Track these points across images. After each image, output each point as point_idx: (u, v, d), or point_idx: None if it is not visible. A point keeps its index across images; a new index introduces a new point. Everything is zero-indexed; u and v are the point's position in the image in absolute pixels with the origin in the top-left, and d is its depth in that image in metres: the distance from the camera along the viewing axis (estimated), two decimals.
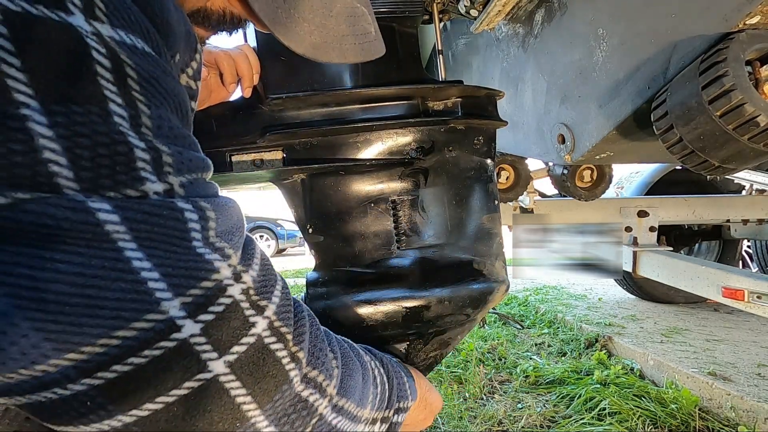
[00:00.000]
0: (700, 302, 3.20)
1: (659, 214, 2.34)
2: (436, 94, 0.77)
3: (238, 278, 0.33)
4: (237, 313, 0.32)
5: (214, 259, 0.31)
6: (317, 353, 0.40)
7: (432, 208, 0.77)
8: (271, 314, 0.35)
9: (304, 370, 0.37)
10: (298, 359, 0.37)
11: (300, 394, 0.37)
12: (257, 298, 0.34)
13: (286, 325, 0.36)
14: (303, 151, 0.73)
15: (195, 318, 0.29)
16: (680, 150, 0.82)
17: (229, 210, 0.36)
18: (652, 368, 2.12)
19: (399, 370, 0.57)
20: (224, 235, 0.34)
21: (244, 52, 0.71)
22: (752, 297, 1.52)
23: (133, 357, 0.28)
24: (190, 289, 0.30)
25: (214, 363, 0.30)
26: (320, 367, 0.39)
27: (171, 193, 0.31)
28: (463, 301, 0.74)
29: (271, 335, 0.34)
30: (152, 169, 0.30)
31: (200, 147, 0.37)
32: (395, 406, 0.52)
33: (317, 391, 0.38)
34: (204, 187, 0.35)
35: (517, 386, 2.02)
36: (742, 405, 1.66)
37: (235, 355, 0.31)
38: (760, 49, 0.72)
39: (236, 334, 0.32)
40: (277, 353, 0.35)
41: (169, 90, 0.33)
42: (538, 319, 3.08)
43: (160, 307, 0.28)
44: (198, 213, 0.32)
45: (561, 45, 1.07)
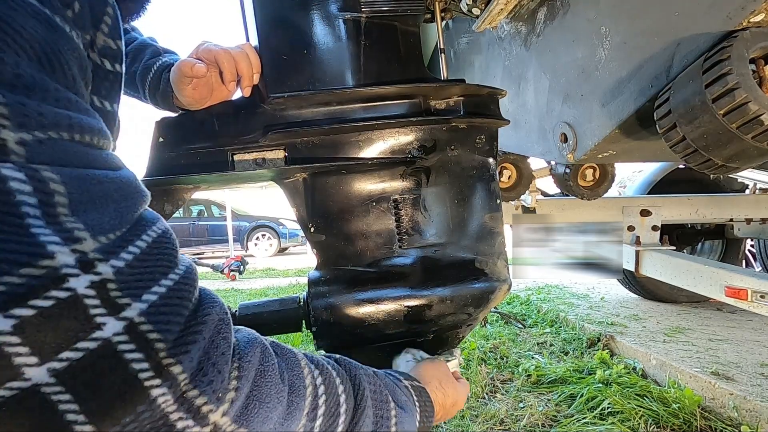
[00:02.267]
0: (702, 301, 3.18)
1: (662, 213, 2.34)
2: (438, 93, 0.77)
3: (89, 267, 0.27)
4: (75, 311, 0.26)
5: (48, 242, 0.26)
6: (208, 369, 0.32)
7: (434, 207, 0.77)
8: (134, 315, 0.28)
9: (182, 388, 0.30)
10: (169, 375, 0.29)
11: (166, 418, 0.29)
12: (117, 294, 0.28)
13: (159, 331, 0.29)
14: (305, 150, 0.73)
15: (5, 312, 0.24)
16: (683, 149, 0.82)
17: (101, 183, 0.30)
18: (654, 368, 2.11)
19: (387, 400, 0.49)
20: (83, 213, 0.28)
21: (244, 51, 0.71)
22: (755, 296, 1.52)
23: None
24: (4, 275, 0.24)
25: (32, 370, 0.25)
26: (204, 386, 0.31)
27: (3, 151, 0.26)
28: (464, 300, 0.74)
29: (129, 341, 0.28)
30: None
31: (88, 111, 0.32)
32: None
33: (192, 417, 0.31)
34: (65, 150, 0.29)
35: (519, 385, 2.02)
36: (745, 405, 1.65)
37: (64, 363, 0.26)
38: (764, 47, 0.71)
39: (69, 337, 0.26)
40: (133, 365, 0.28)
41: (30, 35, 0.29)
42: (540, 319, 3.07)
43: None
44: (33, 184, 0.26)
45: (563, 43, 1.07)
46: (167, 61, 0.75)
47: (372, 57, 0.75)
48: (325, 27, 0.74)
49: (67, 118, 0.29)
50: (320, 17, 0.73)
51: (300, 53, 0.73)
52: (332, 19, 0.73)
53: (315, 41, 0.74)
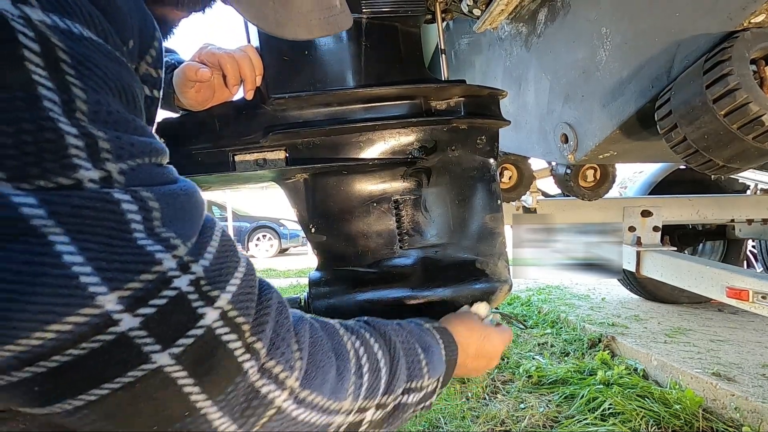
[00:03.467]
0: (704, 302, 3.18)
1: (663, 214, 2.33)
2: (439, 94, 0.77)
3: (186, 269, 0.32)
4: (183, 306, 0.32)
5: (155, 251, 0.31)
6: (279, 343, 0.38)
7: (434, 208, 0.77)
8: (224, 304, 0.34)
9: (262, 361, 0.37)
10: (254, 351, 0.36)
11: (254, 386, 0.36)
12: (208, 288, 0.33)
13: (242, 315, 0.35)
14: (306, 151, 0.74)
15: (134, 312, 0.29)
16: (684, 149, 0.82)
17: (178, 197, 0.35)
18: (655, 368, 2.11)
19: (416, 347, 0.54)
20: (171, 224, 0.33)
21: (247, 54, 0.71)
22: (757, 297, 1.52)
23: (72, 349, 0.28)
24: (128, 282, 0.29)
25: (157, 355, 0.30)
26: (279, 357, 0.38)
27: (109, 181, 0.31)
28: (465, 300, 0.74)
29: (224, 326, 0.34)
30: (86, 156, 0.29)
31: (151, 132, 0.36)
32: (403, 388, 0.50)
33: (274, 383, 0.37)
34: (150, 173, 0.34)
35: (520, 386, 2.02)
36: (747, 406, 1.65)
37: (181, 348, 0.31)
38: (765, 48, 0.71)
39: (182, 327, 0.31)
40: (230, 345, 0.34)
41: (111, 75, 0.33)
42: (541, 319, 3.07)
43: (94, 301, 0.28)
44: (138, 204, 0.31)
45: (564, 44, 1.07)
46: (169, 61, 0.75)
47: (373, 58, 0.75)
48: None
49: (148, 145, 0.34)
50: None
51: (301, 54, 0.73)
52: None
53: (316, 42, 0.74)
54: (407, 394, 0.51)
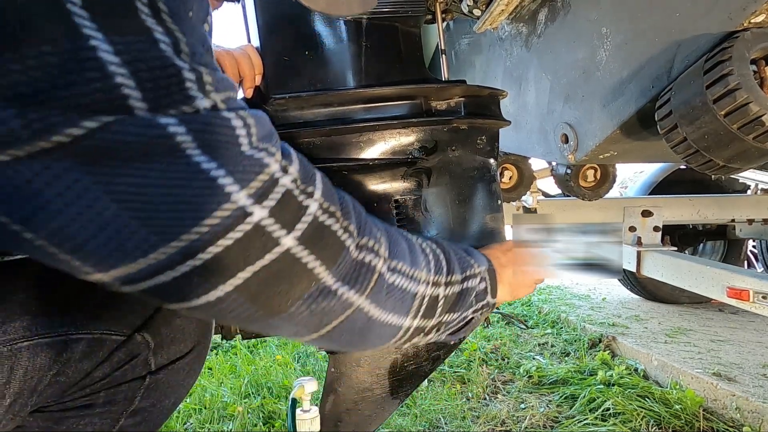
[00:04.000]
0: (704, 302, 3.18)
1: (663, 214, 2.33)
2: (439, 94, 0.77)
3: (286, 170, 0.38)
4: (292, 198, 0.38)
5: (262, 157, 0.37)
6: (363, 225, 0.46)
7: (435, 208, 0.77)
8: (319, 196, 0.41)
9: (356, 239, 0.44)
10: (350, 231, 0.43)
11: (357, 258, 0.43)
12: (304, 185, 0.40)
13: (333, 205, 0.42)
14: (306, 151, 0.74)
15: (261, 204, 0.36)
16: (684, 149, 0.82)
17: (263, 119, 0.40)
18: (656, 369, 2.11)
19: (454, 248, 0.60)
20: (264, 138, 0.38)
21: (246, 53, 0.71)
22: (757, 297, 1.51)
23: (222, 239, 0.34)
24: (251, 182, 0.35)
25: (284, 238, 0.37)
26: (368, 234, 0.46)
27: (216, 108, 0.35)
28: None
29: (323, 213, 0.41)
30: (198, 88, 0.34)
31: None
32: (461, 272, 0.57)
33: (371, 253, 0.45)
34: (237, 102, 0.39)
35: (521, 386, 2.02)
36: (748, 406, 1.64)
37: (300, 231, 0.38)
38: (765, 48, 0.71)
39: (296, 215, 0.38)
40: (332, 227, 0.41)
41: (195, 27, 0.37)
42: (542, 319, 3.07)
43: (231, 198, 0.34)
44: (241, 120, 0.36)
45: (564, 44, 1.07)
46: None
47: (373, 58, 0.75)
48: (326, 28, 0.74)
49: (230, 82, 0.38)
50: (321, 18, 0.74)
51: (301, 54, 0.74)
52: (333, 20, 0.74)
53: (316, 42, 0.74)
54: (468, 280, 0.58)
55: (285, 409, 1.67)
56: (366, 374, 0.74)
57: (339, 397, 0.74)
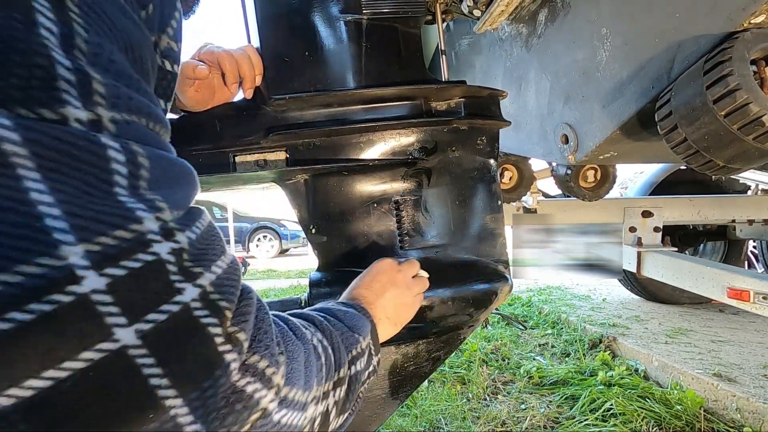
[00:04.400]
0: (705, 303, 3.18)
1: (663, 215, 2.33)
2: (439, 95, 0.77)
3: (170, 236, 0.28)
4: (159, 274, 0.27)
5: (137, 208, 0.27)
6: (261, 337, 0.34)
7: (435, 209, 0.77)
8: (206, 284, 0.30)
9: (245, 354, 0.32)
10: (237, 341, 0.31)
11: (236, 385, 0.31)
12: (191, 264, 0.29)
13: (226, 300, 0.31)
14: (306, 152, 0.74)
15: (100, 270, 0.24)
16: (685, 150, 0.82)
17: (172, 164, 0.31)
18: (656, 369, 2.11)
19: (336, 319, 0.53)
20: (159, 189, 0.29)
21: (246, 53, 0.71)
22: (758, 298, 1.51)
23: (15, 311, 0.22)
24: (99, 236, 0.25)
25: (122, 331, 0.25)
26: (263, 351, 0.34)
27: (98, 127, 0.27)
28: (466, 301, 0.74)
29: (204, 308, 0.29)
30: (77, 94, 0.26)
31: (163, 113, 0.34)
32: (348, 360, 0.50)
33: (260, 380, 0.32)
34: (145, 134, 0.30)
35: (521, 387, 2.02)
36: (748, 406, 1.64)
37: (150, 324, 0.26)
38: (765, 49, 0.71)
39: (155, 299, 0.27)
40: (209, 329, 0.29)
41: (120, 27, 0.30)
42: (542, 320, 3.07)
43: (57, 250, 0.23)
44: (126, 155, 0.27)
45: (564, 45, 1.07)
46: None
47: (373, 58, 0.75)
48: (326, 28, 0.74)
49: (147, 107, 0.31)
50: (321, 19, 0.74)
51: (301, 55, 0.74)
52: (333, 20, 0.74)
53: (316, 43, 0.74)
54: (354, 363, 0.50)
55: None
56: None
57: None
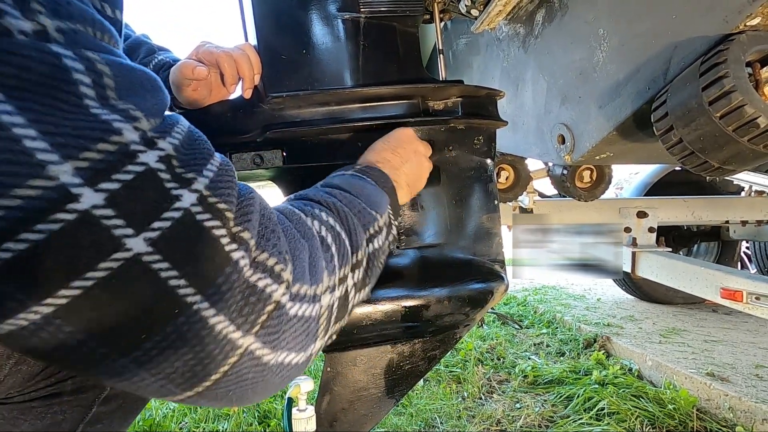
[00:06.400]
0: (698, 303, 3.20)
1: (658, 215, 2.34)
2: (437, 94, 0.77)
3: (152, 144, 0.28)
4: (153, 183, 0.27)
5: (113, 120, 0.26)
6: (269, 235, 0.35)
7: (432, 208, 0.77)
8: (201, 188, 0.30)
9: (253, 253, 0.33)
10: (242, 240, 0.32)
11: (248, 280, 0.32)
12: (182, 169, 0.29)
13: (224, 202, 0.31)
14: (303, 150, 0.73)
15: (95, 186, 0.25)
16: (680, 151, 0.82)
17: (134, 71, 0.30)
18: (650, 369, 2.12)
19: (353, 198, 0.52)
20: (128, 97, 0.28)
21: (245, 52, 0.70)
22: (751, 298, 1.53)
23: (26, 232, 0.23)
24: (83, 151, 0.24)
25: (131, 240, 0.26)
26: (271, 249, 0.34)
27: (45, 37, 0.25)
28: (462, 300, 0.74)
29: (204, 211, 0.29)
30: (12, 3, 0.24)
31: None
32: (365, 239, 0.49)
33: (269, 276, 0.33)
34: (95, 43, 0.28)
35: (516, 386, 2.02)
36: (740, 406, 1.66)
37: (157, 232, 0.26)
38: (761, 51, 0.72)
39: (155, 208, 0.27)
40: (213, 231, 0.29)
41: None
42: (537, 319, 3.08)
43: (45, 171, 0.23)
44: (84, 63, 0.26)
45: (561, 45, 1.07)
46: (163, 60, 0.74)
47: (370, 57, 0.75)
48: (324, 27, 0.74)
49: (90, 14, 0.29)
50: (319, 17, 0.73)
51: (299, 53, 0.73)
52: (331, 19, 0.73)
53: (314, 41, 0.74)
54: (372, 242, 0.50)
55: (281, 409, 1.67)
56: (362, 374, 0.74)
57: (335, 396, 0.74)
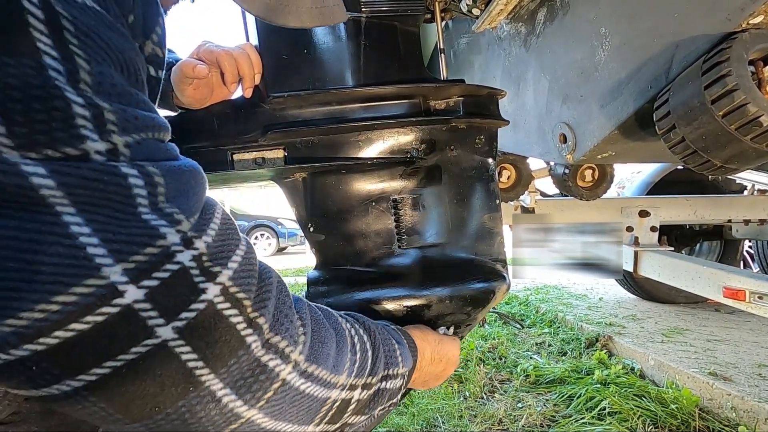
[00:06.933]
0: (700, 302, 3.19)
1: (660, 214, 2.34)
2: (438, 93, 0.77)
3: (189, 244, 0.32)
4: (185, 279, 0.32)
5: (160, 225, 0.31)
6: (282, 319, 0.39)
7: (433, 207, 0.77)
8: (225, 280, 0.34)
9: (266, 336, 0.37)
10: (257, 325, 0.36)
11: (259, 360, 0.36)
12: (210, 264, 0.34)
13: (243, 291, 0.36)
14: (304, 150, 0.73)
15: (138, 284, 0.29)
16: (682, 150, 0.82)
17: (182, 174, 0.35)
18: (652, 368, 2.12)
19: (390, 338, 0.56)
20: (175, 199, 0.33)
21: (246, 52, 0.70)
22: (753, 297, 1.52)
23: (75, 323, 0.27)
24: (133, 255, 0.29)
25: (161, 329, 0.30)
26: (283, 333, 0.39)
27: (115, 153, 0.30)
28: (463, 300, 0.74)
29: (225, 301, 0.34)
30: (93, 127, 0.29)
31: (154, 109, 0.36)
32: (382, 374, 0.52)
33: (279, 356, 0.38)
34: (154, 148, 0.34)
35: (518, 385, 2.02)
36: (743, 405, 1.65)
37: (183, 321, 0.31)
38: (763, 49, 0.72)
39: (184, 300, 0.32)
40: (231, 319, 0.34)
41: (114, 46, 0.32)
42: (539, 319, 3.07)
43: (100, 272, 0.28)
44: (144, 179, 0.31)
45: (563, 44, 1.07)
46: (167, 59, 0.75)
47: (372, 57, 0.75)
48: (324, 27, 0.74)
49: (151, 119, 0.34)
50: None
51: (300, 53, 0.73)
52: None
53: (315, 41, 0.74)
54: (386, 381, 0.53)
55: None
56: None
57: None
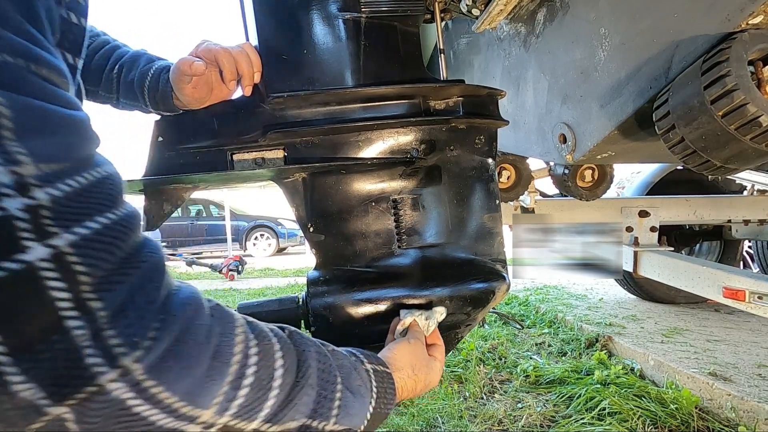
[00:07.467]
0: (700, 303, 3.19)
1: (660, 214, 2.34)
2: (438, 93, 0.77)
3: (24, 190, 0.28)
4: (3, 229, 0.27)
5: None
6: (130, 313, 0.32)
7: (433, 208, 0.77)
8: (62, 244, 0.29)
9: (99, 325, 0.30)
10: (89, 309, 0.29)
11: (78, 352, 0.29)
12: (49, 222, 0.28)
13: (86, 265, 0.30)
14: (304, 150, 0.73)
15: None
16: (682, 150, 0.82)
17: (48, 113, 0.30)
18: (652, 368, 2.12)
19: (335, 382, 0.47)
20: (25, 139, 0.28)
21: (244, 50, 0.70)
22: (753, 297, 1.52)
23: None
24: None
25: None
26: (122, 329, 0.31)
27: None
28: (463, 300, 0.74)
29: (53, 270, 0.28)
30: None
31: None
32: (296, 423, 0.43)
33: (102, 355, 0.30)
34: (21, 78, 0.29)
35: (518, 386, 2.02)
36: (743, 405, 1.65)
37: None
38: (763, 49, 0.72)
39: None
40: (52, 293, 0.28)
41: None
42: (539, 319, 3.07)
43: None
44: None
45: (563, 44, 1.07)
46: (164, 64, 0.75)
47: (372, 57, 0.75)
48: (325, 27, 0.74)
49: (25, 47, 0.29)
50: (320, 17, 0.73)
51: (300, 53, 0.73)
52: (332, 19, 0.73)
53: (315, 41, 0.74)
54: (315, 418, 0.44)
55: None
56: None
57: None
